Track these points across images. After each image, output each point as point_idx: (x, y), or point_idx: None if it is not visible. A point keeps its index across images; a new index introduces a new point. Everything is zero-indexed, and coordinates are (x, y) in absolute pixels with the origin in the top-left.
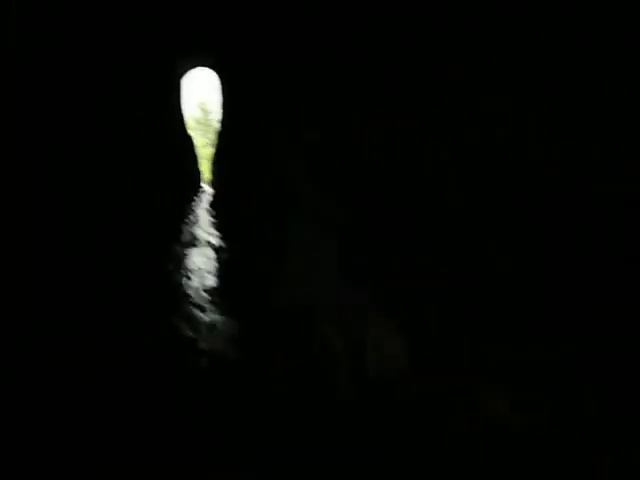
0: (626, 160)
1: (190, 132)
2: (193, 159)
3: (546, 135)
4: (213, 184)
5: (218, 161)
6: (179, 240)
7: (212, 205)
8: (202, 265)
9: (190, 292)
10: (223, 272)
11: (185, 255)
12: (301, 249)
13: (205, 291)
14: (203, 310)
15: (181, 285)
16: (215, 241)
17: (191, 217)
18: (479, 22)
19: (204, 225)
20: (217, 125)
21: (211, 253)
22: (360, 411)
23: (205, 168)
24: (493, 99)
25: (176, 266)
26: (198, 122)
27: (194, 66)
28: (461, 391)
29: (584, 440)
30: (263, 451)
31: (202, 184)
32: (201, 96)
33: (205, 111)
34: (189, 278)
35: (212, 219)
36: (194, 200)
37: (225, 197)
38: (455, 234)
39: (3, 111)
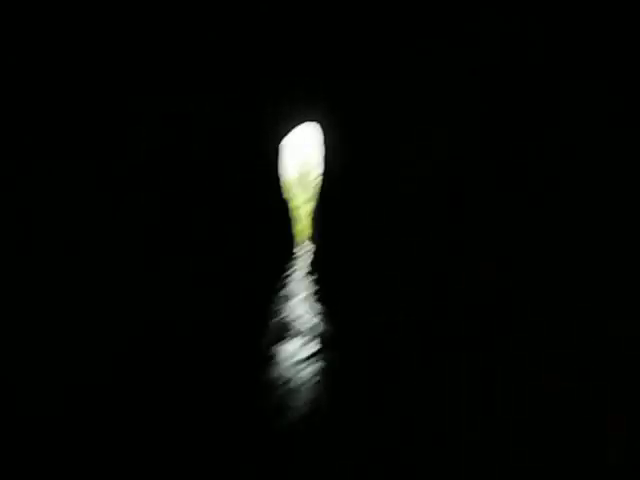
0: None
1: (286, 195)
2: (287, 223)
3: None
4: (313, 240)
5: (319, 216)
6: (266, 328)
7: (313, 265)
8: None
9: None
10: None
11: (271, 361)
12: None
13: None
14: None
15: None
16: (320, 326)
17: (287, 285)
18: None
19: (302, 296)
20: (318, 180)
21: (314, 354)
22: None
23: (304, 225)
24: None
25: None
26: (298, 181)
27: (298, 123)
28: None
29: None
30: None
31: (295, 247)
32: (300, 154)
33: (304, 172)
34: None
35: (313, 286)
36: (289, 263)
37: (328, 254)
38: None
39: None
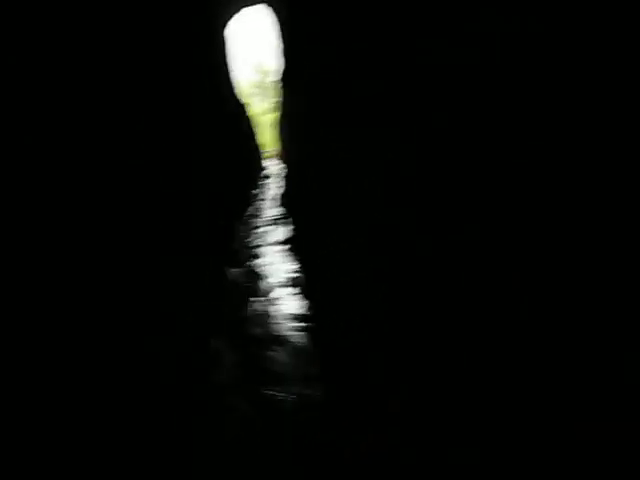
0: None
1: (243, 99)
2: (248, 135)
3: None
4: (281, 157)
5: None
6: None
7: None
8: None
9: None
10: None
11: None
12: None
13: None
14: None
15: None
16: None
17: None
18: None
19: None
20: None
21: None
22: None
23: (267, 138)
24: None
25: None
26: (255, 86)
27: (240, 6)
28: None
29: None
30: None
31: (263, 161)
32: (254, 54)
33: (263, 72)
34: None
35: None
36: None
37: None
38: None
39: None
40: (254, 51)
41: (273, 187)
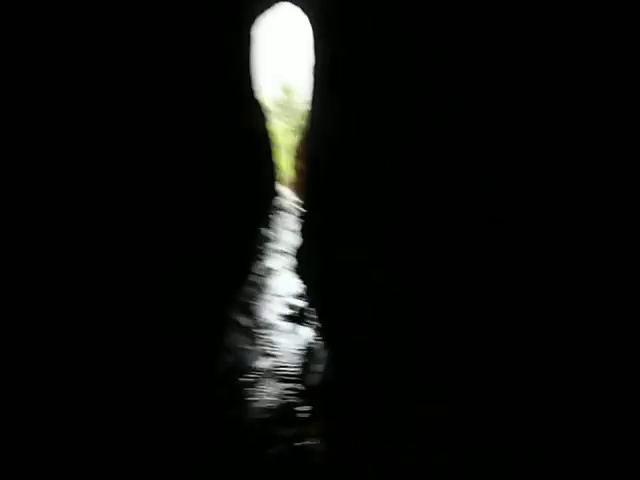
0: None
1: (266, 117)
2: (267, 150)
3: None
4: (297, 187)
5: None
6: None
7: (299, 249)
8: None
9: None
10: None
11: None
12: None
13: None
14: None
15: None
16: None
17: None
18: None
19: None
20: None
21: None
22: None
23: (284, 163)
24: None
25: None
26: (278, 105)
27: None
28: None
29: None
30: None
31: (278, 187)
32: (282, 73)
33: (288, 92)
34: None
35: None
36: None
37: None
38: None
39: None
40: (280, 66)
41: (285, 216)
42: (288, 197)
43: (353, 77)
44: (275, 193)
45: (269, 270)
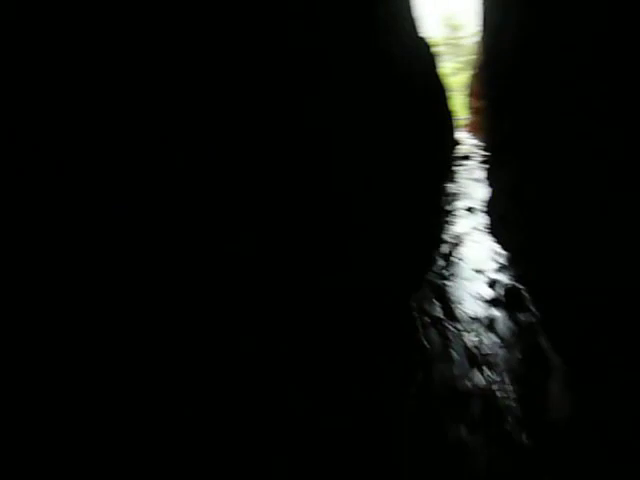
0: None
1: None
2: (437, 88)
3: None
4: (476, 128)
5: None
6: None
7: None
8: None
9: None
10: None
11: None
12: None
13: None
14: None
15: None
16: None
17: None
18: None
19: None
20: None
21: None
22: None
23: (457, 105)
24: None
25: None
26: (444, 42)
27: None
28: None
29: None
30: None
31: (455, 133)
32: (446, 8)
33: (454, 28)
34: None
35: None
36: (448, 175)
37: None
38: None
39: None
40: (444, 1)
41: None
42: (468, 142)
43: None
44: (456, 141)
45: (461, 237)
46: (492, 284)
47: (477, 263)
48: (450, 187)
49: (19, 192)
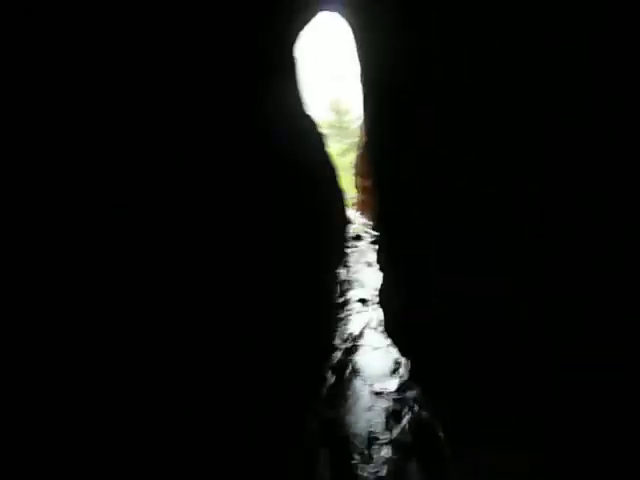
0: None
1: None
2: (325, 166)
3: None
4: (365, 208)
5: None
6: None
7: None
8: None
9: None
10: None
11: None
12: None
13: None
14: None
15: None
16: None
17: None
18: None
19: None
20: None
21: None
22: None
23: (346, 184)
24: None
25: None
26: (331, 126)
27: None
28: None
29: None
30: None
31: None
32: (331, 93)
33: (340, 112)
34: None
35: None
36: (340, 257)
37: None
38: None
39: None
40: (329, 86)
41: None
42: (358, 220)
43: (400, 83)
44: (347, 220)
45: (355, 339)
46: (397, 418)
47: (375, 380)
48: (342, 273)
49: (20, 192)
